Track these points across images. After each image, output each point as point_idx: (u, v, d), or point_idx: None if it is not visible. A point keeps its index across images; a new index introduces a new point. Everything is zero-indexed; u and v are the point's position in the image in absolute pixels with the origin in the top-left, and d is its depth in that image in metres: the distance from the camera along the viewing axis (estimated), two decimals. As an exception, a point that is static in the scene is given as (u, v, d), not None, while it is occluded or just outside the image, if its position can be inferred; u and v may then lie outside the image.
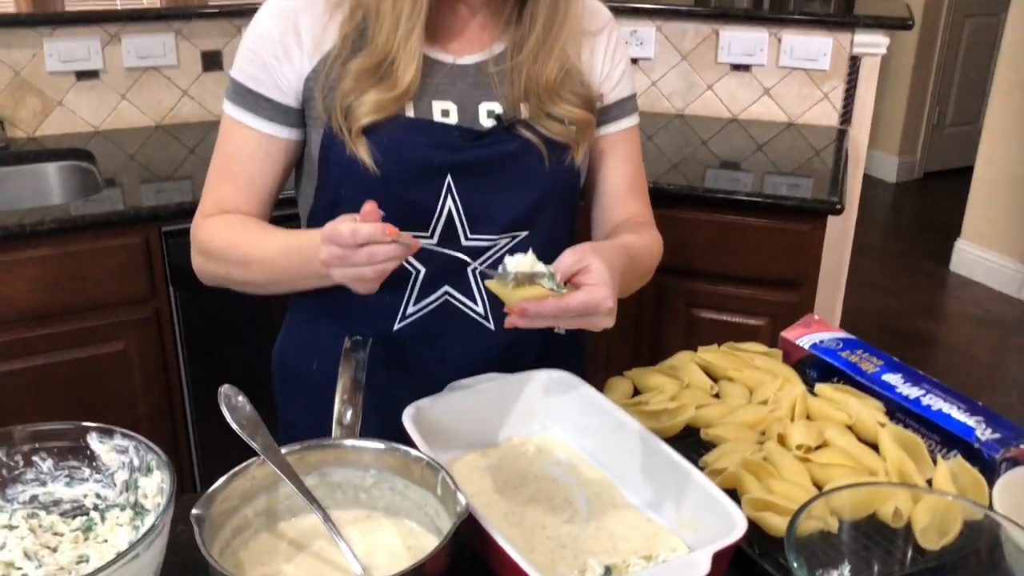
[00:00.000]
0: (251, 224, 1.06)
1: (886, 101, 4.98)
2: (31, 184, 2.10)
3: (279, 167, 1.07)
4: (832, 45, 2.35)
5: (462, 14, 1.05)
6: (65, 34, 2.16)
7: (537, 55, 1.02)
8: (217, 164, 1.08)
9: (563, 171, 1.06)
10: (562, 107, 1.04)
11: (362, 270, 0.88)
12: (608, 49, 1.12)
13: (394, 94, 0.99)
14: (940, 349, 3.43)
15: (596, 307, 0.87)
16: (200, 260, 1.09)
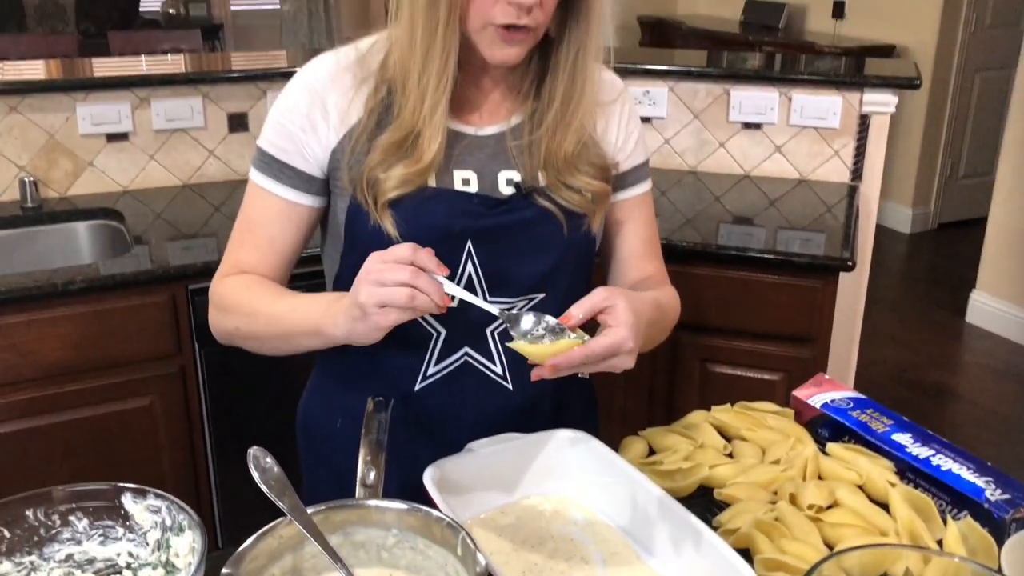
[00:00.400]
0: (267, 283, 1.11)
1: (899, 153, 5.03)
2: (62, 243, 2.16)
3: (299, 232, 1.12)
4: (842, 104, 2.39)
5: (484, 87, 1.10)
6: (97, 98, 2.24)
7: (555, 129, 1.07)
8: (239, 227, 1.14)
9: (580, 237, 1.10)
10: (579, 179, 1.09)
11: (396, 291, 0.90)
12: (622, 120, 1.17)
13: (419, 167, 1.03)
14: (957, 402, 3.42)
15: (619, 348, 0.93)
16: (215, 315, 1.13)
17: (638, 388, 2.11)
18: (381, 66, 1.07)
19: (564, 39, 1.07)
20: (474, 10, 0.99)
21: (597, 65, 1.09)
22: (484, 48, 1.02)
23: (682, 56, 3.00)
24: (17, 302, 1.72)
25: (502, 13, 0.98)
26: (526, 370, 1.07)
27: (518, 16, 0.98)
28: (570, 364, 0.92)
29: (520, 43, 1.01)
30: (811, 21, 5.65)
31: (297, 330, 1.04)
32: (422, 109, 1.02)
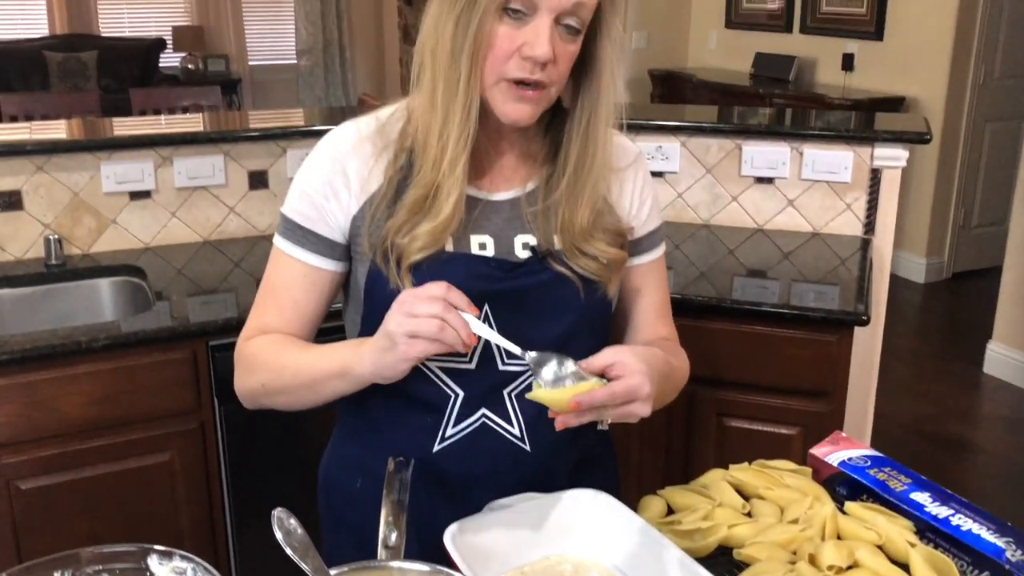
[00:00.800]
0: (292, 339, 1.13)
1: (912, 202, 5.05)
2: (85, 299, 2.20)
3: (323, 296, 1.14)
4: (853, 159, 2.42)
5: (500, 152, 1.13)
6: (121, 157, 2.29)
7: (569, 196, 1.10)
8: (263, 292, 1.16)
9: (596, 301, 1.12)
10: (595, 246, 1.11)
11: (426, 322, 0.93)
12: (636, 186, 1.20)
13: (438, 224, 1.05)
14: (976, 454, 3.39)
15: (636, 392, 0.97)
16: (240, 377, 1.16)
17: (655, 443, 2.11)
18: (401, 134, 1.10)
19: (576, 106, 1.10)
20: (489, 65, 1.02)
21: (610, 131, 1.11)
22: (498, 105, 1.04)
23: (694, 111, 3.04)
24: (42, 359, 1.75)
25: (516, 67, 1.01)
26: (544, 431, 1.10)
27: (532, 71, 1.01)
28: (591, 403, 0.95)
29: (532, 101, 1.04)
30: (821, 73, 5.72)
31: (324, 374, 1.06)
32: (442, 164, 1.04)
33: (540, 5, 1.00)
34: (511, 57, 1.01)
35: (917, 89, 5.05)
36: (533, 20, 1.00)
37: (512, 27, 1.01)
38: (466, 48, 1.01)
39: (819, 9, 5.69)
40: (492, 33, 1.01)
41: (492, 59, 1.02)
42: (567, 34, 1.02)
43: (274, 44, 9.41)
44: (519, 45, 1.01)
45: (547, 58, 1.00)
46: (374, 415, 1.14)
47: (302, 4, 9.18)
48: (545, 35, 1.00)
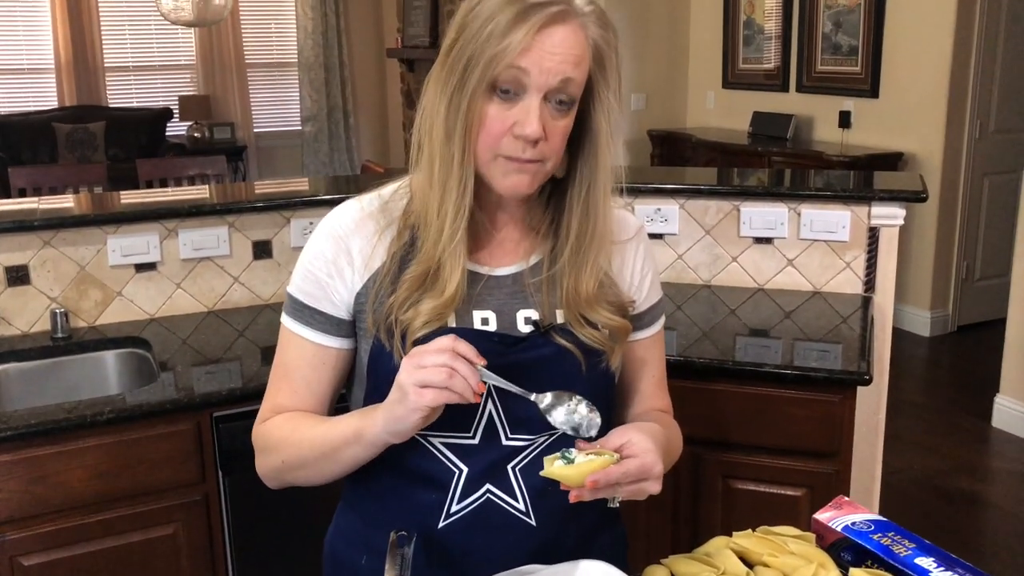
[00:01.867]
0: (307, 414, 1.15)
1: (914, 256, 5.07)
2: (90, 371, 2.21)
3: (334, 374, 1.16)
4: (850, 218, 2.45)
5: (500, 226, 1.15)
6: (127, 230, 2.33)
7: (572, 267, 1.12)
8: (276, 373, 1.18)
9: (598, 375, 1.13)
10: (599, 314, 1.13)
11: (435, 372, 0.95)
12: (637, 260, 1.22)
13: (442, 301, 1.07)
14: (986, 510, 3.36)
15: (649, 471, 1.01)
16: (259, 459, 1.17)
17: (661, 506, 2.10)
18: (404, 212, 1.12)
19: (575, 178, 1.12)
20: (483, 143, 1.05)
21: (609, 201, 1.13)
22: (495, 179, 1.07)
23: (692, 174, 3.08)
24: (48, 434, 1.76)
25: (509, 146, 1.04)
26: (549, 504, 1.10)
27: (524, 149, 1.04)
28: (608, 481, 0.98)
29: (529, 173, 1.06)
30: (818, 131, 5.79)
31: (340, 441, 1.07)
32: (441, 240, 1.06)
33: (529, 85, 1.02)
34: (504, 136, 1.04)
35: (914, 144, 5.11)
36: (523, 99, 1.03)
37: (502, 107, 1.03)
38: (458, 128, 1.04)
39: (814, 68, 5.78)
40: (483, 113, 1.03)
41: (485, 137, 1.04)
42: (558, 110, 1.05)
43: (279, 111, 9.56)
44: (510, 124, 1.03)
45: (538, 136, 1.02)
46: (378, 491, 1.15)
47: (306, 72, 9.35)
48: (535, 114, 1.02)
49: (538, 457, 1.10)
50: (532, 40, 1.01)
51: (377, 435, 1.02)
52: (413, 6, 8.18)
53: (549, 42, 1.01)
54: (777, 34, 6.06)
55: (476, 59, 1.02)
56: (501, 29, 1.01)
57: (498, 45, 1.01)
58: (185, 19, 6.09)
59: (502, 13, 1.01)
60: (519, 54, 1.01)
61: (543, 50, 1.01)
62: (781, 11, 6.00)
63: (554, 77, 1.02)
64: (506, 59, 1.01)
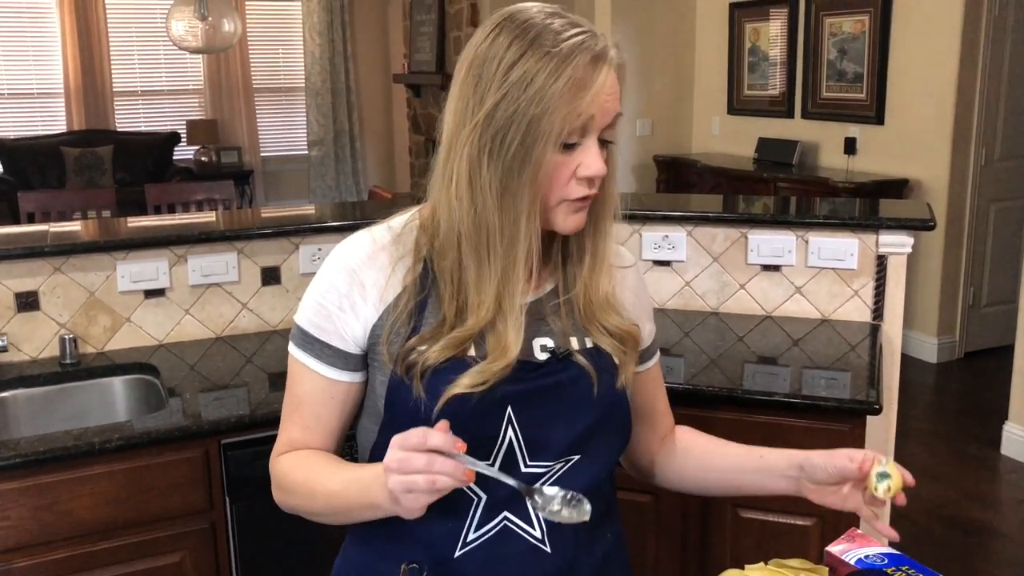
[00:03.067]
0: (320, 459, 1.15)
1: (920, 282, 5.07)
2: (98, 397, 2.21)
3: (344, 408, 1.16)
4: (858, 246, 2.45)
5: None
6: (137, 256, 2.34)
7: (586, 283, 1.14)
8: (288, 405, 1.18)
9: (612, 399, 1.14)
10: (612, 318, 1.15)
11: (416, 478, 0.94)
12: (635, 288, 1.26)
13: (464, 332, 1.07)
14: (997, 539, 3.33)
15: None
16: (278, 494, 1.19)
17: (671, 536, 2.09)
18: (416, 245, 1.13)
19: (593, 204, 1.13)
20: (552, 192, 1.06)
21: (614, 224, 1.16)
22: (558, 222, 1.09)
23: (699, 201, 3.09)
24: (55, 461, 1.76)
25: (574, 190, 1.06)
26: (565, 533, 1.10)
27: (589, 187, 1.06)
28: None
29: (586, 210, 1.10)
30: (824, 157, 5.80)
31: (355, 506, 1.08)
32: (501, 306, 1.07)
33: (591, 129, 1.04)
34: (570, 181, 1.06)
35: (920, 171, 5.12)
36: (582, 143, 1.05)
37: (567, 155, 1.05)
38: (523, 192, 1.03)
39: (820, 94, 5.80)
40: (550, 164, 1.03)
41: (554, 187, 1.05)
42: (604, 143, 1.08)
43: (286, 135, 9.63)
44: (574, 168, 1.05)
45: (603, 172, 1.06)
46: (392, 521, 1.14)
47: (313, 96, 9.42)
48: (595, 152, 1.05)
49: (555, 484, 1.10)
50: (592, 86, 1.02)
51: (387, 508, 1.02)
52: (420, 32, 8.25)
53: (605, 83, 1.03)
54: (782, 61, 6.09)
55: (537, 121, 1.00)
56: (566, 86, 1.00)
57: (570, 104, 1.00)
58: (194, 46, 6.14)
59: (558, 71, 1.00)
60: (586, 104, 1.01)
61: (603, 92, 1.03)
62: (786, 38, 6.03)
63: (610, 116, 1.05)
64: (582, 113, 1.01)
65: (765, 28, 6.22)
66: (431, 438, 0.95)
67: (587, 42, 1.03)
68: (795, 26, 5.94)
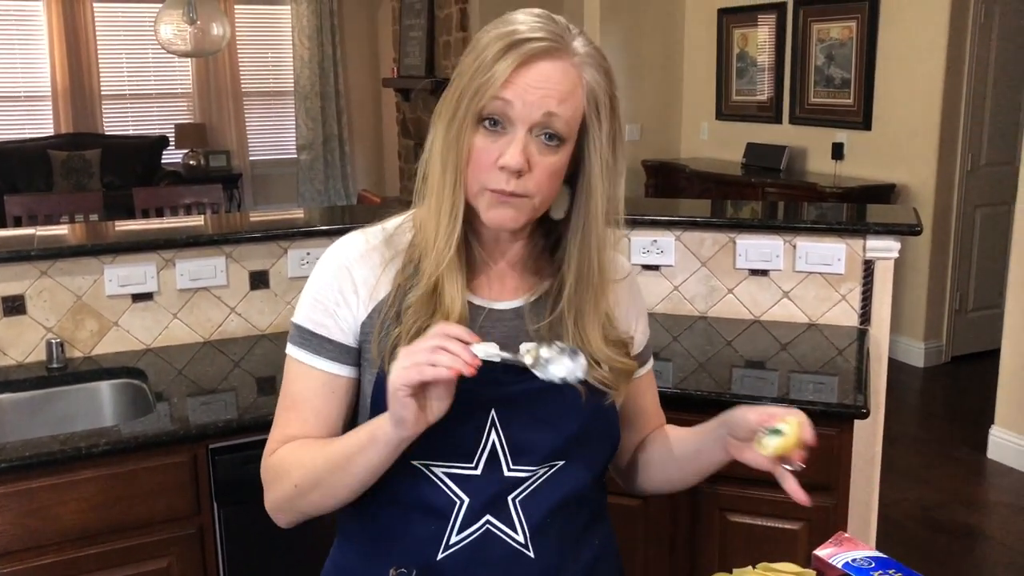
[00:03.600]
0: (317, 439, 1.14)
1: (907, 286, 5.09)
2: (85, 402, 2.20)
3: (343, 403, 1.15)
4: (845, 251, 2.46)
5: (502, 261, 1.16)
6: (124, 260, 2.33)
7: (572, 311, 1.13)
8: (283, 405, 1.17)
9: (600, 406, 1.14)
10: (606, 357, 1.13)
11: (420, 355, 0.95)
12: (631, 299, 1.25)
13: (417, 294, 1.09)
14: (983, 542, 3.35)
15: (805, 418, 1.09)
16: (269, 492, 1.16)
17: (659, 540, 2.09)
18: (409, 246, 1.13)
19: (572, 219, 1.13)
20: (471, 175, 1.07)
21: (608, 247, 1.14)
22: (482, 212, 1.08)
23: (687, 206, 3.10)
24: (43, 466, 1.75)
25: (494, 178, 1.06)
26: (549, 537, 1.10)
27: (507, 181, 1.05)
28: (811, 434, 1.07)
29: (513, 207, 1.07)
30: (812, 162, 5.83)
31: (354, 449, 1.06)
32: (439, 264, 1.08)
33: (513, 117, 1.05)
34: (490, 169, 1.06)
35: (907, 176, 5.15)
36: (508, 133, 1.05)
37: (489, 139, 1.06)
38: (451, 157, 1.07)
39: (807, 100, 5.83)
40: (472, 144, 1.06)
41: (473, 169, 1.07)
42: (546, 146, 1.06)
43: (275, 139, 9.61)
44: (496, 157, 1.05)
45: (518, 167, 1.04)
46: (377, 523, 1.14)
47: (302, 100, 9.41)
48: (518, 146, 1.04)
49: (539, 489, 1.10)
50: (516, 73, 1.04)
51: (388, 432, 1.00)
52: (409, 36, 8.25)
53: (534, 76, 1.04)
54: (770, 66, 6.12)
55: (466, 91, 1.06)
56: (488, 61, 1.04)
57: (483, 76, 1.04)
58: (183, 50, 6.13)
59: (492, 46, 1.05)
60: (503, 86, 1.04)
61: (527, 83, 1.04)
62: (774, 44, 6.06)
63: (537, 111, 1.04)
64: (490, 90, 1.04)
65: (753, 34, 6.25)
66: (449, 325, 0.99)
67: (521, 33, 1.05)
68: (783, 32, 5.97)
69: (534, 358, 1.01)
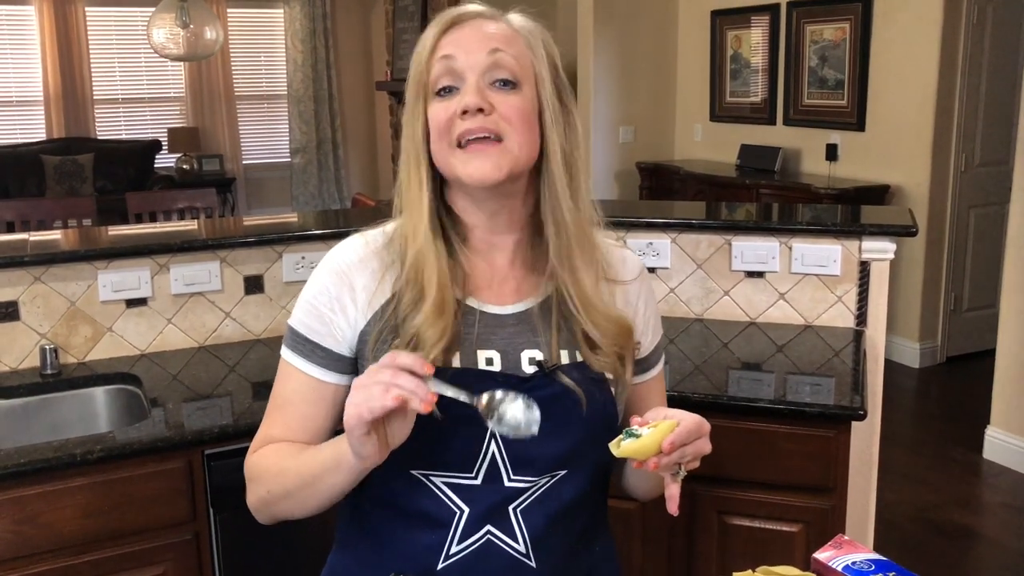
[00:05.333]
0: (294, 445, 1.13)
1: (902, 287, 5.10)
2: (79, 408, 2.19)
3: (330, 411, 1.15)
4: (841, 252, 2.46)
5: (501, 264, 1.16)
6: (118, 266, 2.32)
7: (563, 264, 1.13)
8: (272, 405, 1.17)
9: (601, 413, 1.13)
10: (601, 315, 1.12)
11: (373, 389, 0.92)
12: (640, 302, 1.23)
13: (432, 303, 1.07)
14: (980, 543, 3.35)
15: (702, 425, 1.05)
16: (249, 490, 1.16)
17: (657, 543, 2.08)
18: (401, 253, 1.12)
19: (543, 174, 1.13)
20: (438, 141, 1.08)
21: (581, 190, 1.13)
22: (460, 170, 1.07)
23: (683, 208, 3.10)
24: (36, 473, 1.73)
25: (459, 128, 1.06)
26: (550, 547, 1.10)
27: (471, 122, 1.05)
28: (680, 440, 1.00)
29: (491, 155, 1.06)
30: (806, 163, 5.84)
31: (320, 469, 1.06)
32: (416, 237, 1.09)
33: (461, 69, 1.07)
34: (452, 122, 1.07)
35: (901, 177, 5.15)
36: (461, 89, 1.07)
37: (445, 102, 1.08)
38: (411, 135, 1.10)
39: (801, 101, 5.84)
40: (432, 118, 1.09)
41: (437, 133, 1.08)
42: (503, 89, 1.07)
43: (268, 143, 9.58)
44: (454, 111, 1.07)
45: (477, 104, 1.05)
46: (376, 532, 1.13)
47: (295, 104, 9.39)
48: (472, 88, 1.06)
49: (540, 499, 1.10)
50: (452, 32, 1.08)
51: (351, 461, 1.00)
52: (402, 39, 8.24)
53: (469, 29, 1.09)
54: (764, 68, 6.13)
55: (411, 80, 1.10)
56: (425, 43, 1.10)
57: (422, 53, 1.09)
58: (176, 54, 6.11)
59: (427, 32, 1.11)
60: (439, 47, 1.08)
61: (464, 35, 1.08)
62: (767, 45, 6.07)
63: (481, 52, 1.07)
64: (433, 58, 1.07)
65: (747, 35, 6.25)
66: (400, 357, 0.95)
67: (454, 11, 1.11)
68: (776, 33, 5.97)
69: (486, 406, 0.98)
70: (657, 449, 1.01)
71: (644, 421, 1.04)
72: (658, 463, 1.01)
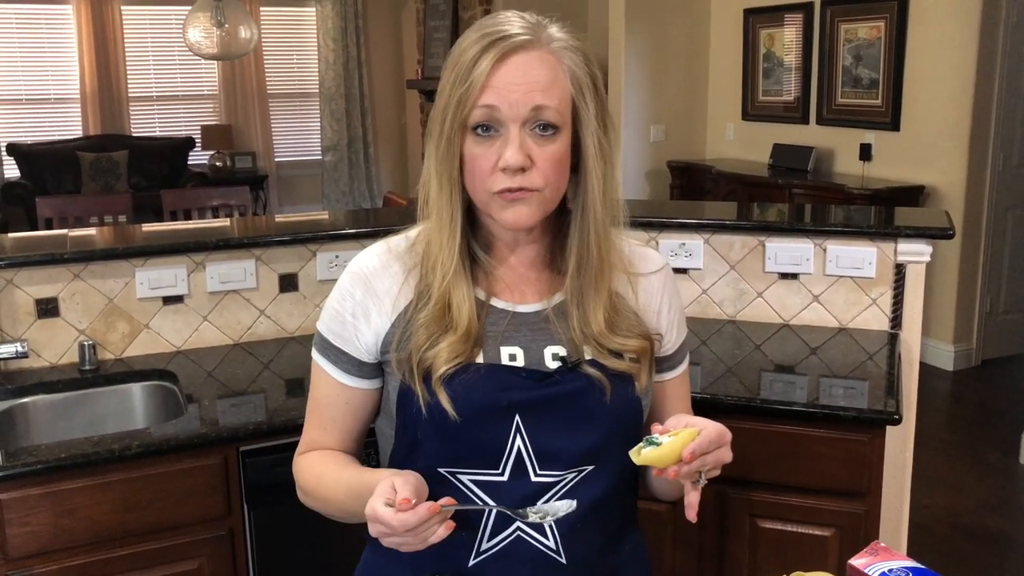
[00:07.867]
0: (332, 463, 1.18)
1: (937, 289, 5.04)
2: (117, 404, 2.22)
3: (359, 413, 1.19)
4: (876, 254, 2.43)
5: (523, 264, 1.17)
6: (155, 263, 2.35)
7: (576, 298, 1.13)
8: (310, 406, 1.22)
9: (626, 408, 1.14)
10: (616, 343, 1.13)
11: (405, 538, 0.99)
12: (663, 297, 1.23)
13: (459, 335, 1.08)
14: (1014, 548, 3.30)
15: (724, 434, 1.05)
16: (300, 495, 1.23)
17: (688, 546, 2.08)
18: (423, 258, 1.14)
19: (575, 205, 1.13)
20: (477, 184, 1.08)
21: (608, 229, 1.13)
22: (498, 215, 1.09)
23: (715, 208, 3.08)
24: (75, 467, 1.76)
25: (499, 181, 1.06)
26: (579, 542, 1.10)
27: (512, 179, 1.05)
28: (701, 448, 1.01)
29: (526, 203, 1.07)
30: (839, 163, 5.78)
31: (352, 498, 1.10)
32: (446, 276, 1.09)
33: (503, 119, 1.05)
34: (493, 173, 1.06)
35: (936, 178, 5.09)
36: (502, 134, 1.06)
37: (484, 144, 1.06)
38: (446, 172, 1.08)
39: (834, 100, 5.78)
40: (467, 153, 1.07)
41: (478, 178, 1.07)
42: (542, 136, 1.06)
43: (300, 141, 9.65)
44: (495, 160, 1.06)
45: (519, 164, 1.04)
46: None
47: (327, 102, 9.45)
48: (515, 144, 1.04)
49: (568, 494, 1.11)
50: (495, 74, 1.04)
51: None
52: (433, 38, 8.26)
53: (513, 73, 1.04)
54: (797, 66, 6.08)
55: (449, 104, 1.07)
56: (465, 69, 1.05)
57: (463, 86, 1.05)
58: (211, 52, 6.17)
59: (467, 53, 1.06)
60: (484, 92, 1.04)
61: (508, 83, 1.04)
62: (801, 44, 6.02)
63: (523, 108, 1.05)
64: (472, 98, 1.05)
65: (780, 34, 6.21)
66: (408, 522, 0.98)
67: (487, 37, 1.05)
68: (810, 32, 5.92)
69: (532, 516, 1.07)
70: (677, 458, 1.01)
71: (665, 429, 1.05)
72: (678, 471, 1.02)
